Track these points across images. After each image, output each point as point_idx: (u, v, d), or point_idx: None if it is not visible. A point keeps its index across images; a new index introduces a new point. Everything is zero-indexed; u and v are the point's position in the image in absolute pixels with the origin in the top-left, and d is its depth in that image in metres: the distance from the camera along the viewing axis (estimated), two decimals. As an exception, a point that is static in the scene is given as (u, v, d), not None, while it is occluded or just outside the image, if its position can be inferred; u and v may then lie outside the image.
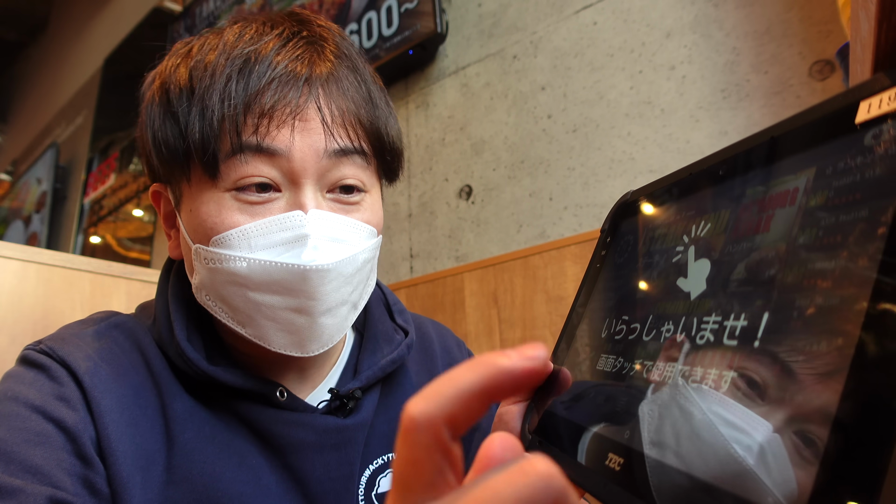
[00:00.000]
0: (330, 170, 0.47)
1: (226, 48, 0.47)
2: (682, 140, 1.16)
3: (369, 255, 0.50)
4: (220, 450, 0.48)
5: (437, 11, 1.56)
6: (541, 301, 1.25)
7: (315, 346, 0.48)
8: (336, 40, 0.51)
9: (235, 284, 0.46)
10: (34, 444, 0.41)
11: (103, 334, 0.50)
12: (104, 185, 3.25)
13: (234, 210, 0.45)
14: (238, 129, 0.44)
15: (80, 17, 4.34)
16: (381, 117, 0.51)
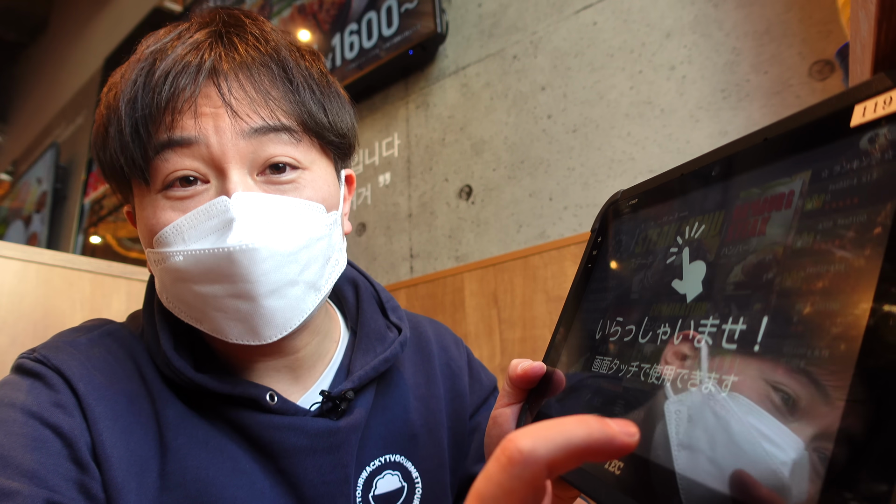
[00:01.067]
0: (253, 151, 0.46)
1: (138, 57, 0.48)
2: (682, 140, 1.16)
3: (319, 232, 0.49)
4: (212, 455, 0.48)
5: (437, 11, 1.56)
6: (541, 301, 1.25)
7: (269, 332, 0.47)
8: (251, 30, 0.50)
9: (181, 280, 0.46)
10: (31, 448, 0.41)
11: (96, 342, 0.51)
12: (104, 185, 3.25)
13: (167, 208, 0.46)
14: (149, 131, 0.45)
15: (80, 17, 4.34)
16: (307, 98, 0.50)
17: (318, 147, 0.52)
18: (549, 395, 0.39)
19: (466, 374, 0.68)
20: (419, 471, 0.58)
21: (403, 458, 0.57)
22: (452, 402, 0.65)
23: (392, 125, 1.73)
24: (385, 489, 0.55)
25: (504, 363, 1.27)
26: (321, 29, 1.97)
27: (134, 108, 0.45)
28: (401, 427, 0.58)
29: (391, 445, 0.57)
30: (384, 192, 1.70)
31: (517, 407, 0.42)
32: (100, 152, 0.50)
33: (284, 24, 2.15)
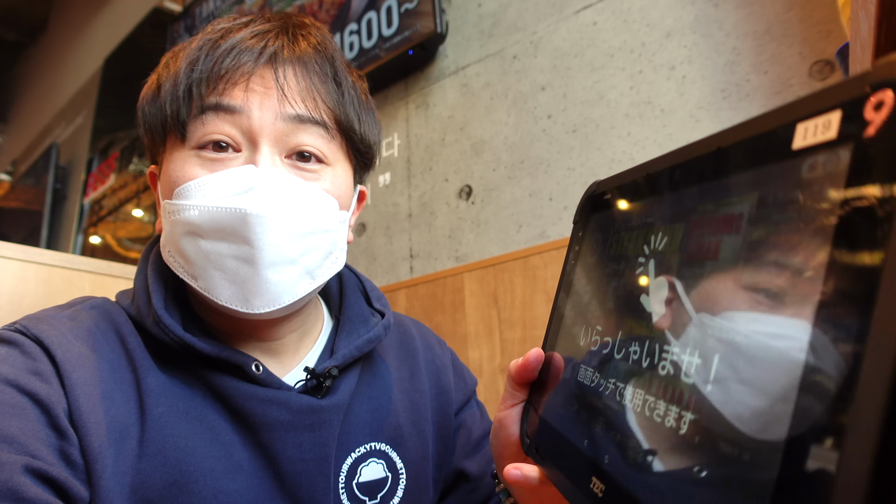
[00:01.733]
0: (287, 134, 0.50)
1: (204, 34, 0.52)
2: (682, 140, 1.15)
3: (325, 223, 0.51)
4: (192, 425, 0.48)
5: (437, 11, 1.56)
6: (541, 301, 1.25)
7: (259, 302, 0.48)
8: (314, 34, 0.55)
9: (190, 234, 0.48)
10: (9, 416, 0.41)
11: (78, 314, 0.52)
12: (104, 185, 3.25)
13: (196, 165, 0.49)
14: (201, 93, 0.49)
15: (80, 17, 4.34)
16: (347, 100, 0.54)
17: (345, 149, 0.55)
18: (549, 386, 0.39)
19: (451, 372, 0.69)
20: (404, 461, 0.58)
21: (389, 448, 0.58)
22: (437, 398, 0.66)
23: (392, 125, 1.73)
24: (369, 477, 0.56)
25: (504, 363, 1.27)
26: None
27: (192, 70, 0.49)
28: (386, 417, 0.59)
29: (377, 434, 0.58)
30: (384, 193, 1.70)
31: (521, 407, 0.42)
32: (147, 106, 0.53)
33: (284, 24, 2.15)
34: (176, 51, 0.55)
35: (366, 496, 0.55)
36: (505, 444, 0.43)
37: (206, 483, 0.47)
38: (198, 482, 0.46)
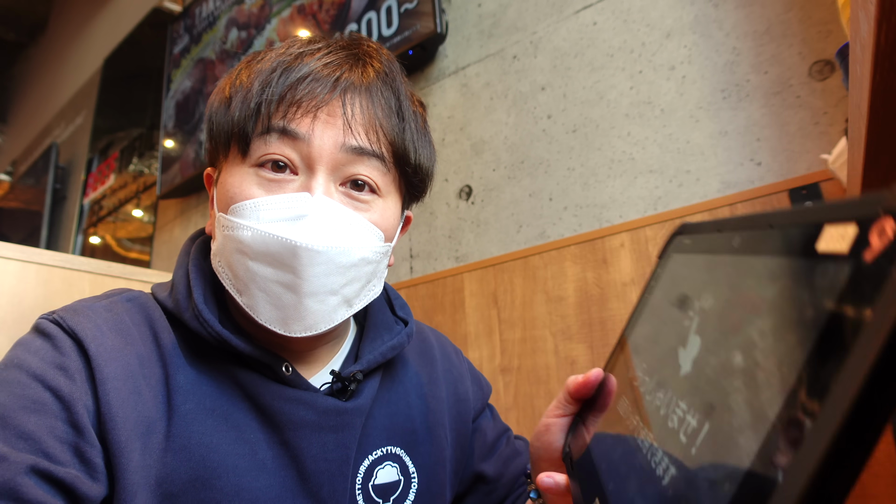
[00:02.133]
0: (345, 164, 0.51)
1: (278, 53, 0.54)
2: (682, 140, 1.16)
3: (370, 256, 0.52)
4: (218, 422, 0.49)
5: (437, 11, 1.56)
6: (541, 301, 1.25)
7: (298, 328, 0.49)
8: (379, 60, 0.56)
9: (240, 252, 0.49)
10: (30, 410, 0.42)
11: (115, 306, 0.53)
12: (104, 185, 3.25)
13: (253, 184, 0.50)
14: (269, 113, 0.50)
15: (79, 17, 4.34)
16: (407, 132, 0.55)
17: (397, 181, 0.56)
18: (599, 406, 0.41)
19: (468, 381, 0.72)
20: (416, 466, 0.60)
21: (402, 452, 0.60)
22: (455, 406, 0.68)
23: (392, 125, 1.73)
24: (384, 480, 0.57)
25: (504, 363, 1.27)
26: (321, 29, 1.97)
27: (264, 91, 0.51)
28: (403, 421, 0.61)
29: (393, 437, 0.59)
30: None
31: (569, 419, 0.45)
32: (215, 114, 0.55)
33: (284, 24, 2.15)
34: (249, 62, 0.56)
35: (380, 498, 0.57)
36: (546, 448, 0.46)
37: (228, 480, 0.48)
38: (220, 478, 0.47)
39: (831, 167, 0.80)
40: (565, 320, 1.21)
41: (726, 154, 1.10)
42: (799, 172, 1.01)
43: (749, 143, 1.08)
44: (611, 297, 1.16)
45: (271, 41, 2.18)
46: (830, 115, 1.00)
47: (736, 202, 1.05)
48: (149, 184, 2.85)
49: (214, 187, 0.56)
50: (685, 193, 1.13)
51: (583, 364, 1.15)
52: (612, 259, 1.17)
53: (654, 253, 1.13)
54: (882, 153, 0.42)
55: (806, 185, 0.98)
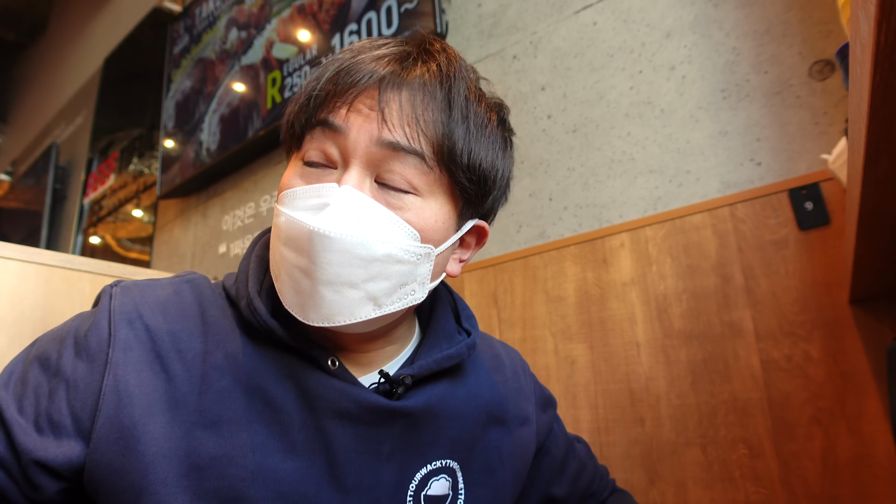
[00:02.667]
0: (381, 160, 0.50)
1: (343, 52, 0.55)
2: (682, 140, 1.16)
3: (398, 254, 0.49)
4: (252, 401, 0.50)
5: (437, 11, 1.56)
6: (540, 301, 1.25)
7: (314, 316, 0.49)
8: (440, 56, 0.54)
9: (277, 238, 0.51)
10: (40, 364, 0.49)
11: (171, 285, 0.56)
12: (104, 185, 3.25)
13: (297, 175, 0.52)
14: (317, 107, 0.52)
15: (80, 17, 4.34)
16: (458, 131, 0.52)
17: (446, 183, 0.53)
18: None
19: (534, 401, 0.71)
20: (465, 483, 0.59)
21: (458, 467, 0.59)
22: (519, 429, 0.67)
23: (392, 125, 1.73)
24: (436, 492, 0.57)
25: (504, 363, 1.27)
26: (321, 29, 1.97)
27: (313, 87, 0.53)
28: (464, 436, 0.60)
29: (452, 452, 0.59)
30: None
31: None
32: (286, 114, 0.57)
33: (284, 24, 2.15)
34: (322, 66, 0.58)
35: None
36: None
37: (254, 458, 0.48)
38: (246, 457, 0.48)
39: (831, 167, 0.80)
40: (565, 320, 1.21)
41: (726, 154, 1.10)
42: (799, 172, 1.01)
43: (749, 143, 1.08)
44: (611, 297, 1.16)
45: (271, 41, 2.18)
46: (830, 115, 1.00)
47: (736, 202, 1.05)
48: (149, 184, 2.85)
49: None
50: (685, 193, 1.13)
51: (583, 364, 1.16)
52: (612, 259, 1.17)
53: (654, 253, 1.13)
54: (882, 153, 0.42)
55: (806, 185, 0.98)
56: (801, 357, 0.94)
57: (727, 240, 1.05)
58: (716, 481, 0.98)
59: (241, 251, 2.17)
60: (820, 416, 0.91)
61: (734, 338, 1.00)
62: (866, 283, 0.81)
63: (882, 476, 0.85)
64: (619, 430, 1.09)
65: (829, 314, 0.93)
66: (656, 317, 1.09)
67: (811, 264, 0.96)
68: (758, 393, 0.96)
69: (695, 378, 1.03)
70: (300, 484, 0.49)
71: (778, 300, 0.98)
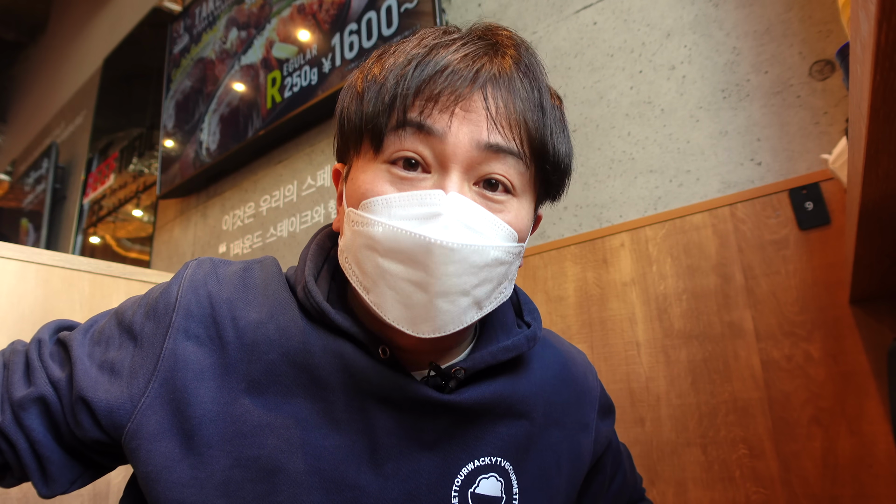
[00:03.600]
0: (481, 162, 0.49)
1: (412, 45, 0.52)
2: (682, 140, 1.15)
3: (503, 256, 0.50)
4: (299, 374, 0.50)
5: (437, 11, 1.56)
6: (541, 301, 1.25)
7: (426, 328, 0.48)
8: (518, 49, 0.54)
9: (369, 248, 0.49)
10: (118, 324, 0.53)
11: (242, 263, 0.58)
12: (104, 185, 3.25)
13: (385, 181, 0.49)
14: (405, 107, 0.49)
15: (79, 17, 4.34)
16: (548, 126, 0.52)
17: (533, 179, 0.53)
18: None
19: (597, 408, 0.68)
20: (520, 488, 0.57)
21: (510, 468, 0.57)
22: (577, 434, 0.64)
23: (392, 125, 1.73)
24: (486, 491, 0.55)
25: (504, 363, 1.27)
26: (321, 29, 1.97)
27: (399, 84, 0.49)
28: (520, 437, 0.58)
29: (505, 451, 0.56)
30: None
31: None
32: (347, 108, 0.54)
33: (284, 24, 2.15)
34: (380, 56, 0.55)
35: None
36: None
37: (296, 431, 0.49)
38: (289, 429, 0.48)
39: (831, 167, 0.80)
40: (565, 320, 1.21)
41: (726, 154, 1.10)
42: (799, 172, 1.01)
43: (749, 143, 1.08)
44: (611, 297, 1.16)
45: (271, 41, 2.18)
46: (830, 115, 1.00)
47: (736, 202, 1.05)
48: (149, 184, 2.85)
49: (343, 183, 0.56)
50: (685, 193, 1.13)
51: (583, 364, 1.16)
52: (612, 259, 1.17)
53: (654, 253, 1.13)
54: (882, 153, 0.42)
55: (806, 185, 0.98)
56: (801, 357, 0.94)
57: (727, 240, 1.05)
58: (716, 481, 0.98)
59: (241, 251, 2.17)
60: (820, 416, 0.91)
61: (734, 338, 1.00)
62: (866, 283, 0.81)
63: (882, 476, 0.85)
64: (619, 430, 1.09)
65: (829, 314, 0.93)
66: (656, 317, 1.09)
67: (811, 264, 0.96)
68: (758, 393, 0.96)
69: (695, 378, 1.03)
70: (340, 462, 0.49)
71: (778, 300, 0.97)
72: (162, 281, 0.65)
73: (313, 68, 1.96)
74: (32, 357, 0.52)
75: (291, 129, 2.06)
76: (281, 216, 2.04)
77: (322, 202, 1.91)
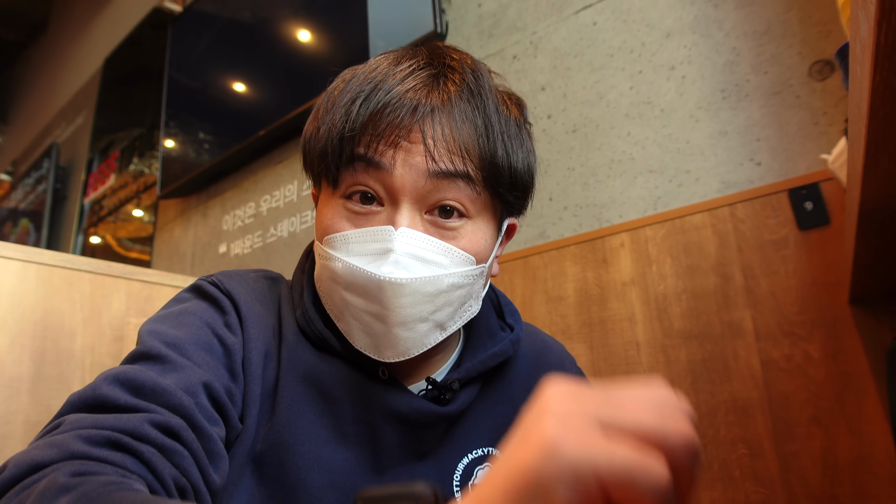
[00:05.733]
0: (430, 191, 0.50)
1: (360, 80, 0.53)
2: (682, 140, 1.16)
3: (459, 281, 0.52)
4: (309, 391, 0.53)
5: (437, 11, 1.56)
6: (541, 301, 1.25)
7: (390, 353, 0.51)
8: (463, 73, 0.54)
9: (334, 281, 0.52)
10: (202, 349, 0.50)
11: (258, 278, 0.60)
12: (104, 185, 3.25)
13: (343, 217, 0.52)
14: (353, 144, 0.51)
15: (80, 17, 4.34)
16: (498, 147, 0.52)
17: (489, 199, 0.54)
18: None
19: None
20: None
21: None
22: None
23: (392, 125, 1.73)
24: None
25: (504, 363, 1.27)
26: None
27: (346, 122, 0.51)
28: (506, 425, 0.60)
29: (493, 439, 0.60)
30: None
31: None
32: (308, 143, 0.56)
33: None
34: (337, 85, 0.56)
35: None
36: None
37: (310, 447, 0.51)
38: (303, 445, 0.50)
39: (831, 167, 0.80)
40: (565, 320, 1.21)
41: (726, 154, 1.10)
42: (798, 172, 1.01)
43: (749, 143, 1.08)
44: (611, 296, 1.16)
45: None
46: (830, 115, 1.00)
47: (735, 202, 1.05)
48: (149, 184, 2.85)
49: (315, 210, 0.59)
50: (685, 193, 1.13)
51: (583, 364, 1.16)
52: (612, 259, 1.17)
53: (653, 253, 1.13)
54: (882, 153, 0.42)
55: (806, 185, 0.98)
56: (801, 357, 0.94)
57: (727, 240, 1.05)
58: (716, 481, 0.98)
59: (241, 251, 2.17)
60: (820, 416, 0.91)
61: (734, 338, 1.00)
62: (866, 283, 0.81)
63: (882, 476, 0.85)
64: (619, 430, 1.09)
65: (829, 314, 0.93)
66: (656, 317, 1.09)
67: (811, 264, 0.96)
68: (758, 393, 0.96)
69: (695, 378, 1.03)
70: (351, 474, 0.51)
71: (778, 300, 0.98)
72: (162, 281, 0.65)
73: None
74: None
75: (291, 129, 2.06)
76: (281, 216, 2.05)
77: (322, 202, 1.91)
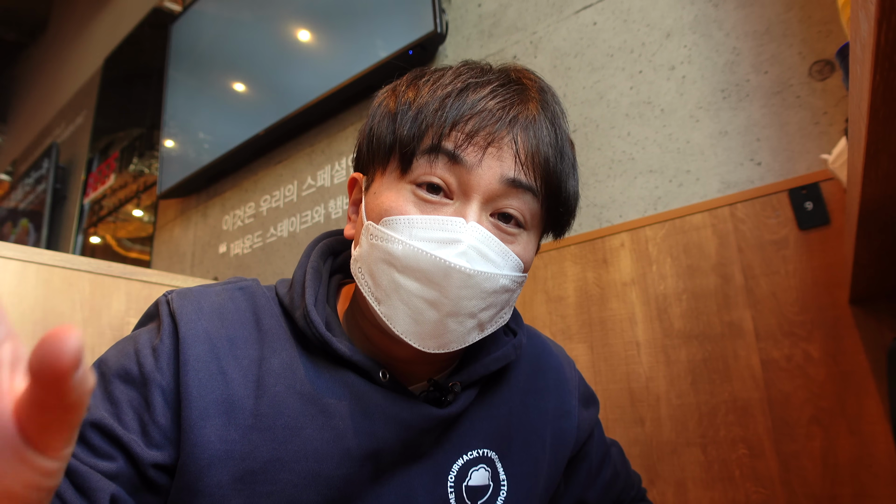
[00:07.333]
0: (500, 196, 0.52)
1: (448, 79, 0.55)
2: (682, 140, 1.16)
3: (509, 285, 0.53)
4: (306, 407, 0.51)
5: (437, 11, 1.56)
6: (541, 301, 1.25)
7: (432, 343, 0.51)
8: (543, 95, 0.57)
9: (387, 263, 0.51)
10: (122, 379, 0.49)
11: (224, 292, 0.57)
12: (104, 185, 3.25)
13: (409, 201, 0.52)
14: (441, 136, 0.51)
15: (80, 17, 4.34)
16: (564, 170, 0.57)
17: (544, 216, 0.57)
18: None
19: (576, 397, 0.71)
20: (507, 474, 0.61)
21: (496, 457, 0.61)
22: (558, 421, 0.68)
23: (392, 125, 1.73)
24: (476, 483, 0.58)
25: (504, 363, 1.27)
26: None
27: (437, 114, 0.52)
28: (501, 427, 0.62)
29: (489, 441, 0.60)
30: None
31: None
32: (379, 123, 0.56)
33: (284, 24, 2.15)
34: (414, 81, 0.58)
35: (471, 500, 0.58)
36: None
37: (307, 464, 0.50)
38: (300, 462, 0.50)
39: (831, 167, 0.80)
40: (565, 320, 1.21)
41: (726, 154, 1.10)
42: (799, 172, 1.01)
43: (749, 143, 1.08)
44: (611, 296, 1.16)
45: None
46: (830, 115, 1.00)
47: (736, 202, 1.05)
48: (149, 184, 2.85)
49: (364, 194, 0.57)
50: (685, 193, 1.13)
51: (583, 364, 1.16)
52: (612, 259, 1.17)
53: (653, 253, 1.13)
54: (882, 153, 0.42)
55: (806, 185, 0.98)
56: (801, 357, 0.94)
57: (727, 240, 1.05)
58: (716, 481, 0.98)
59: (241, 251, 2.17)
60: (820, 416, 0.91)
61: (734, 338, 1.00)
62: (866, 283, 0.81)
63: (882, 476, 0.85)
64: (619, 430, 1.09)
65: (829, 314, 0.93)
66: (656, 317, 1.09)
67: (811, 264, 0.96)
68: (758, 393, 0.96)
69: (695, 378, 1.03)
70: (347, 487, 0.51)
71: (778, 300, 0.98)
72: (162, 281, 0.65)
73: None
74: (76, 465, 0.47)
75: (291, 129, 2.06)
76: (281, 216, 2.05)
77: (322, 202, 1.91)
